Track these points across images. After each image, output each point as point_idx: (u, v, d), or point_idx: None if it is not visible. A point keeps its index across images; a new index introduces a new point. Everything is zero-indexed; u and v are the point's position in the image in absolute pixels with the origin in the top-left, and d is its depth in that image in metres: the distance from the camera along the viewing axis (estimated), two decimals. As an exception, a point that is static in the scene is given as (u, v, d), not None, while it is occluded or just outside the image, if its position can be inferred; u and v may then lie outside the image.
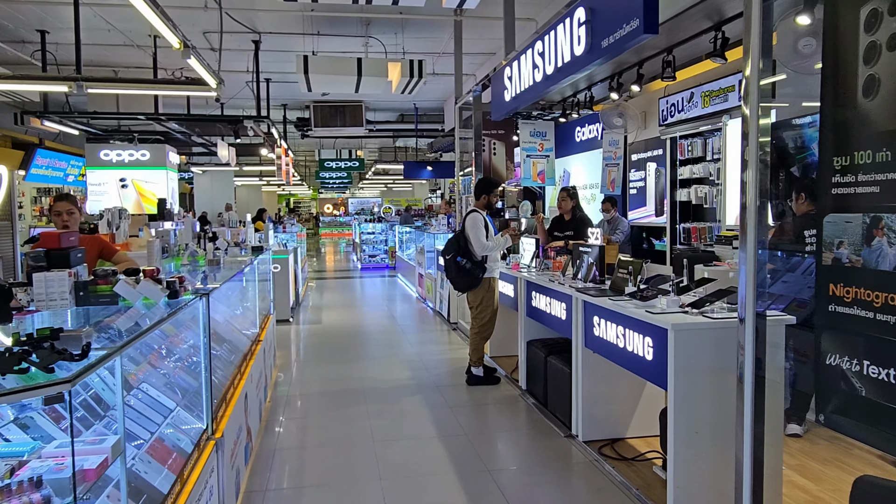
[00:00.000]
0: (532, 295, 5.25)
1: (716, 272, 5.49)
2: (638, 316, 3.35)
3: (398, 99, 14.26)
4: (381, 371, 6.37)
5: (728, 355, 3.08)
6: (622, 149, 8.45)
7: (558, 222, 6.30)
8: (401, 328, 8.64)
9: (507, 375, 6.01)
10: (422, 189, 32.11)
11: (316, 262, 20.34)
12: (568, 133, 9.90)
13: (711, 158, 6.75)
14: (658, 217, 7.59)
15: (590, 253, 4.69)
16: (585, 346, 4.18)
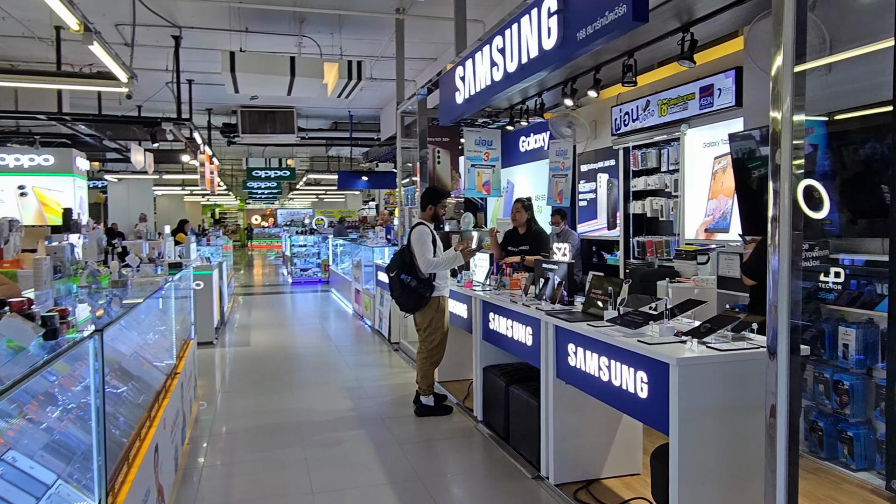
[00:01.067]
0: (489, 317, 4.75)
1: (681, 290, 5.16)
2: (629, 347, 2.89)
3: (332, 106, 13.60)
4: (317, 401, 5.71)
5: (738, 392, 2.66)
6: (571, 159, 8.13)
7: (512, 236, 5.84)
8: (337, 349, 7.97)
9: (459, 403, 5.47)
10: (355, 200, 31.35)
11: (244, 276, 19.24)
12: (512, 143, 9.54)
13: (667, 169, 6.49)
14: (610, 230, 7.28)
15: (556, 270, 4.24)
16: (557, 377, 3.71)
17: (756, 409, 2.68)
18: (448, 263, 5.16)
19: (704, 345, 2.75)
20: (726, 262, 4.78)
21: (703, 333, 2.78)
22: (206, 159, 11.64)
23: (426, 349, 5.25)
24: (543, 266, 4.41)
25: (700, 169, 5.85)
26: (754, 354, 2.66)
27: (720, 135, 5.61)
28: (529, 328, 4.06)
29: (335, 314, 11.13)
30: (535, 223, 5.66)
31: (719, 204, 5.61)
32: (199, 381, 6.17)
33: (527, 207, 5.68)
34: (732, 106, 5.25)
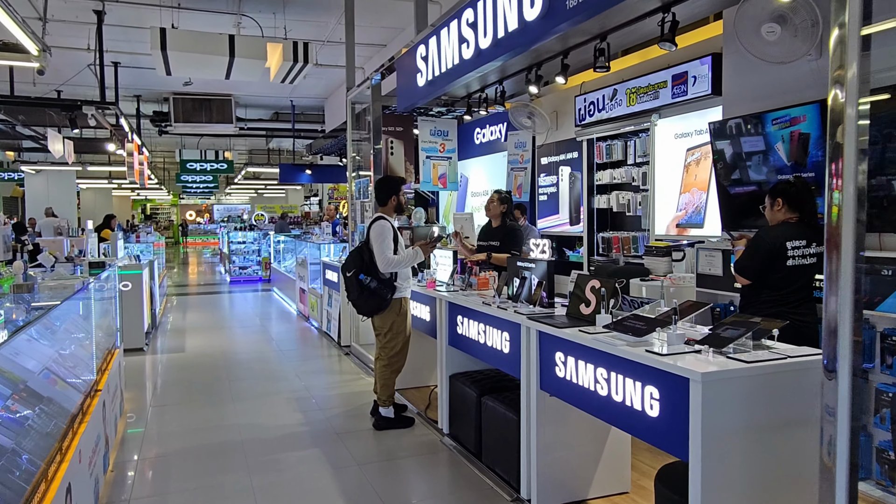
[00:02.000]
0: (457, 320, 4.32)
1: (656, 289, 4.87)
2: (637, 358, 2.51)
3: (273, 94, 12.88)
4: (263, 414, 5.14)
5: (766, 409, 2.33)
6: (530, 151, 7.80)
7: (486, 230, 5.43)
8: (283, 354, 7.38)
9: (420, 414, 5.02)
10: (297, 195, 30.37)
11: (178, 275, 18.17)
12: (466, 135, 9.14)
13: (634, 162, 6.22)
14: (573, 226, 6.98)
15: (533, 269, 3.84)
16: (541, 389, 3.31)
17: (786, 427, 2.36)
18: (408, 261, 4.71)
19: (723, 355, 2.40)
20: (707, 260, 4.50)
21: (722, 342, 2.43)
22: (135, 149, 10.75)
23: (386, 356, 4.78)
24: (518, 264, 4.00)
25: (671, 161, 5.59)
26: (785, 366, 2.32)
27: (694, 125, 5.35)
28: (506, 334, 3.65)
29: (278, 315, 10.47)
30: (510, 217, 5.25)
31: (692, 198, 5.36)
32: (126, 395, 5.49)
33: (503, 200, 5.26)
34: (708, 94, 5.00)
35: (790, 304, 3.55)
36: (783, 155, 3.99)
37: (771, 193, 3.68)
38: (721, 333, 2.48)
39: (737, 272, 3.63)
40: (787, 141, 3.95)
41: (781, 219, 3.63)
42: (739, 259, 3.64)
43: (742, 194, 4.37)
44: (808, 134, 3.82)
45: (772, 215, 3.68)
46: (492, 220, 5.38)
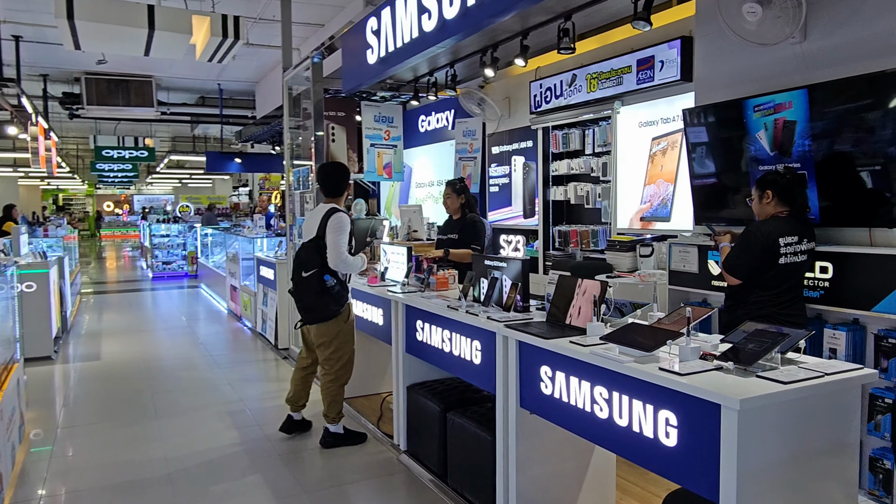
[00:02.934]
0: (416, 325, 3.87)
1: (626, 287, 4.56)
2: (650, 378, 2.14)
3: (198, 77, 11.97)
4: (192, 434, 4.54)
5: (806, 435, 2.01)
6: (480, 140, 7.39)
7: (446, 225, 5.01)
8: (213, 360, 6.71)
9: (373, 427, 4.55)
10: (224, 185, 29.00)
11: (94, 271, 16.84)
12: (410, 122, 8.64)
13: (593, 152, 5.92)
14: (527, 219, 6.63)
15: (505, 270, 3.43)
16: (521, 406, 2.91)
17: (822, 455, 2.04)
18: (359, 267, 4.24)
19: (752, 374, 2.05)
20: (681, 255, 4.22)
21: (750, 357, 2.08)
22: (40, 133, 9.68)
23: (333, 370, 4.26)
24: (487, 264, 3.59)
25: (635, 151, 5.31)
26: (824, 387, 2.00)
27: (660, 113, 5.08)
28: (477, 343, 3.23)
29: (207, 314, 9.71)
30: (470, 209, 4.83)
31: (658, 190, 5.09)
32: (28, 416, 4.76)
33: (458, 191, 4.84)
34: (677, 80, 4.71)
35: (781, 304, 3.30)
36: (766, 144, 3.73)
37: (759, 185, 3.41)
38: (747, 347, 2.14)
39: (727, 271, 3.35)
40: (770, 129, 3.69)
41: (771, 212, 3.36)
42: (729, 256, 3.35)
43: (718, 186, 4.11)
44: (794, 122, 3.56)
45: (760, 209, 3.41)
46: (452, 215, 4.97)
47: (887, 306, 3.11)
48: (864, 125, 3.27)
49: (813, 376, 2.00)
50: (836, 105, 3.37)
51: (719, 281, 3.98)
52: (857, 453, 2.11)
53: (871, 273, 3.18)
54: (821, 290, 3.42)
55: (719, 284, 3.97)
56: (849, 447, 2.09)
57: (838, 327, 3.37)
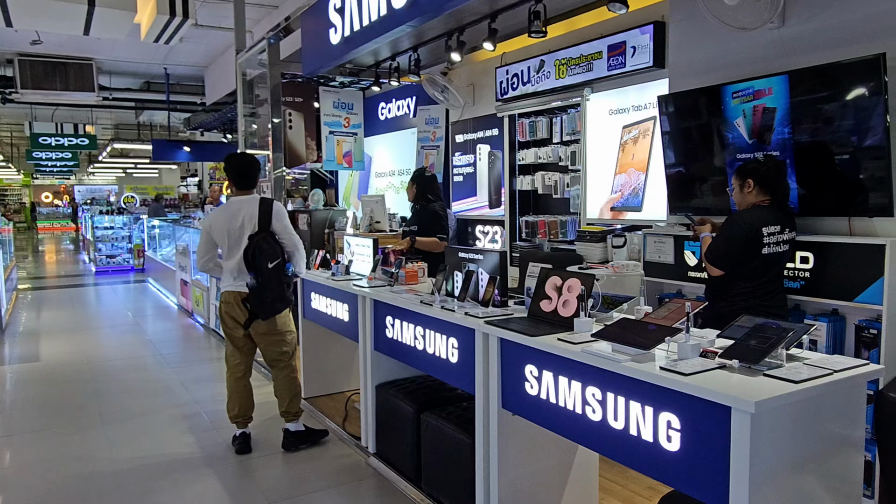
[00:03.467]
0: (386, 322, 3.67)
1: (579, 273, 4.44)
2: (651, 379, 1.99)
3: (143, 60, 11.39)
4: (142, 441, 4.23)
5: (814, 437, 1.90)
6: (443, 128, 7.20)
7: (411, 215, 4.82)
8: (164, 359, 6.35)
9: (337, 428, 4.33)
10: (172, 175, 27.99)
11: (32, 265, 15.96)
12: (370, 110, 8.38)
13: (561, 141, 5.79)
14: (493, 209, 6.48)
15: (481, 262, 3.26)
16: (503, 408, 2.75)
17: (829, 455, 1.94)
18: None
19: (758, 372, 1.93)
20: (656, 246, 4.13)
21: (757, 355, 1.96)
22: (-30, 118, 9.00)
23: (288, 359, 4.12)
24: (461, 256, 3.41)
25: (605, 139, 5.20)
26: (835, 384, 1.89)
27: (631, 100, 4.98)
28: (454, 340, 3.05)
29: (156, 310, 9.26)
30: (428, 198, 4.63)
31: (629, 179, 5.00)
32: (-42, 425, 4.37)
33: (413, 179, 4.64)
34: (649, 67, 4.62)
35: (763, 295, 3.22)
36: (744, 131, 3.65)
37: (740, 174, 3.32)
38: (750, 344, 2.02)
39: (709, 261, 3.25)
40: (749, 116, 3.61)
41: (753, 202, 3.27)
42: (712, 247, 3.25)
43: (694, 175, 4.02)
44: (773, 108, 3.49)
45: (741, 198, 3.32)
46: (413, 203, 4.78)
47: (870, 297, 3.06)
48: (845, 112, 3.21)
49: (822, 374, 1.89)
50: (817, 92, 3.31)
51: (696, 272, 3.90)
52: (862, 451, 2.02)
53: (853, 263, 3.13)
54: (801, 281, 3.36)
55: (696, 275, 3.90)
56: (855, 445, 2.00)
57: (819, 318, 3.32)
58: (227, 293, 3.96)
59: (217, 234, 3.94)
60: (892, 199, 3.10)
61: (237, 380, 4.05)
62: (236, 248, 3.86)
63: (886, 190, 3.10)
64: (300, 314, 4.91)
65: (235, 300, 3.90)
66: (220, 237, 3.92)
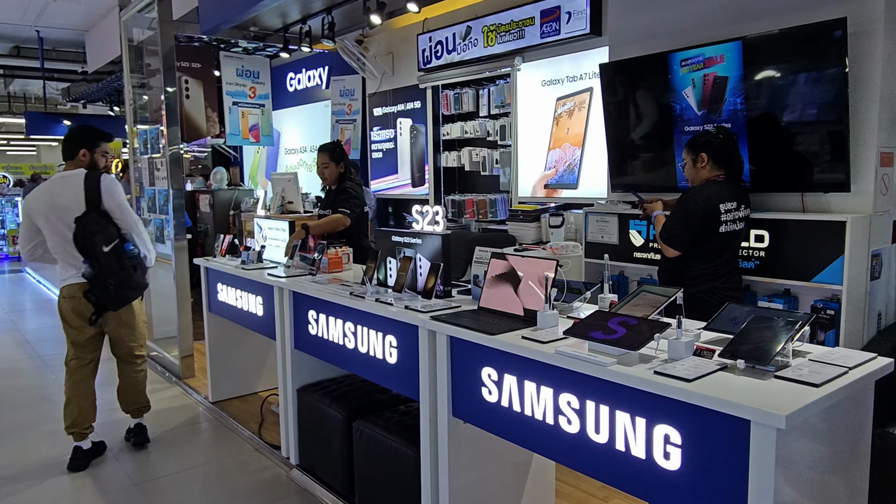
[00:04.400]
0: (309, 317, 3.20)
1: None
2: (648, 387, 1.68)
3: (11, 20, 10.00)
4: (19, 462, 3.56)
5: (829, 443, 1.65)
6: (360, 101, 6.69)
7: (326, 197, 4.30)
8: (44, 362, 5.54)
9: (253, 435, 3.83)
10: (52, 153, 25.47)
11: None
12: (277, 81, 7.70)
13: (489, 114, 5.45)
14: (416, 187, 6.08)
15: (420, 247, 2.86)
16: (454, 416, 2.38)
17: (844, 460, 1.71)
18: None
19: (769, 374, 1.66)
20: (599, 226, 3.88)
21: (764, 353, 1.68)
22: None
23: (144, 354, 3.76)
24: (395, 240, 2.99)
25: (537, 113, 4.90)
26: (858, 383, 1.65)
27: (566, 70, 4.69)
28: (392, 338, 2.64)
29: (35, 305, 8.23)
30: (352, 178, 4.13)
31: (564, 154, 4.73)
32: None
33: (336, 157, 4.11)
34: (586, 34, 4.33)
35: (722, 276, 3.02)
36: (693, 102, 3.43)
37: (692, 147, 3.09)
38: (751, 339, 1.74)
39: (666, 242, 3.00)
40: (698, 86, 3.39)
41: (706, 177, 3.05)
42: (668, 226, 3.01)
43: (639, 149, 3.79)
44: (725, 77, 3.28)
45: (694, 173, 3.09)
46: (330, 186, 4.23)
47: (829, 276, 2.92)
48: (803, 82, 3.03)
49: (839, 373, 1.64)
50: (773, 60, 3.11)
51: (643, 252, 3.69)
52: (868, 459, 1.80)
53: (811, 241, 2.98)
54: (755, 261, 3.19)
55: (643, 256, 3.68)
56: (863, 454, 1.78)
57: (774, 300, 3.17)
58: (68, 287, 3.38)
59: (38, 218, 3.33)
60: (849, 174, 2.96)
61: (80, 381, 3.49)
62: (65, 232, 3.27)
63: (844, 165, 2.96)
64: (205, 308, 4.34)
65: (79, 293, 3.35)
66: (41, 220, 3.32)
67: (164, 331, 5.55)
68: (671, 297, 2.19)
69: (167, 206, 4.96)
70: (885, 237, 3.14)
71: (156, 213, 5.21)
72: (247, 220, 6.68)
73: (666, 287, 2.25)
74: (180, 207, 4.95)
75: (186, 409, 4.38)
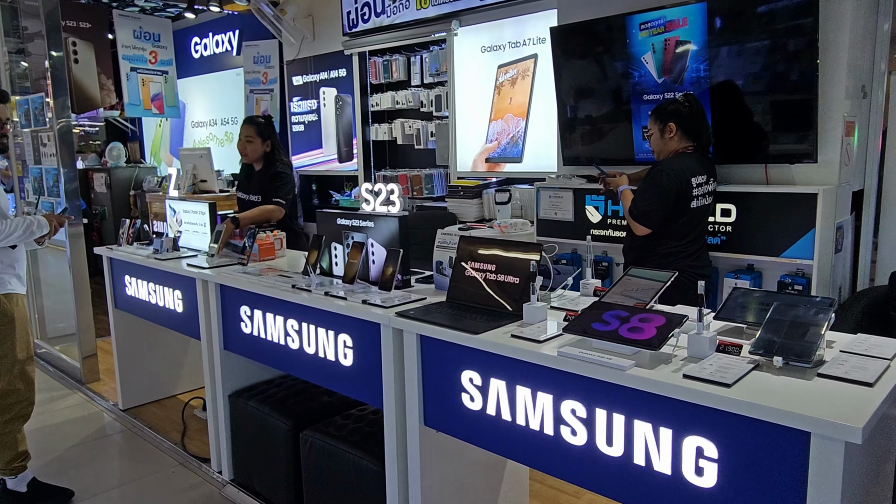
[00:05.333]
0: (241, 313, 2.78)
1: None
2: (678, 394, 1.44)
3: None
4: None
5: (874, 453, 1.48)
6: (276, 68, 6.13)
7: (246, 176, 3.78)
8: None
9: (176, 446, 3.38)
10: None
11: None
12: (181, 47, 6.96)
13: (422, 83, 5.09)
14: (343, 163, 5.65)
15: (373, 230, 2.51)
16: (426, 426, 2.08)
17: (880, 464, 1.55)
18: (22, 235, 2.72)
19: (811, 372, 1.46)
20: (552, 202, 3.65)
21: (806, 348, 1.48)
22: None
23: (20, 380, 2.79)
24: (341, 223, 2.62)
25: (477, 81, 4.59)
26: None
27: (508, 35, 4.39)
28: (346, 337, 2.30)
29: None
30: (277, 159, 3.63)
31: (507, 126, 4.45)
32: None
33: (263, 133, 3.60)
34: (530, -4, 4.06)
35: (692, 254, 2.86)
36: (653, 69, 3.24)
37: (659, 116, 2.88)
38: (788, 332, 1.53)
39: (637, 219, 2.80)
40: (659, 51, 3.19)
41: (675, 148, 2.86)
42: (639, 203, 2.80)
43: (592, 120, 3.57)
44: (688, 42, 3.09)
45: (661, 145, 2.89)
46: (253, 165, 3.71)
47: (799, 251, 2.82)
48: (771, 48, 2.89)
49: (884, 367, 1.46)
50: (739, 23, 2.95)
51: (601, 229, 3.49)
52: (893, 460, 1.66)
53: (781, 214, 2.86)
54: (722, 236, 3.06)
55: (601, 233, 3.49)
56: (892, 446, 1.63)
57: (741, 276, 3.05)
58: None
59: None
60: (817, 144, 2.86)
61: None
62: None
63: (812, 135, 2.85)
64: (110, 304, 3.79)
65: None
66: None
67: (59, 328, 4.90)
68: (666, 283, 1.97)
69: (57, 187, 4.30)
70: (846, 209, 3.09)
71: (44, 196, 4.52)
72: (152, 202, 6.02)
73: (651, 270, 2.02)
74: (74, 189, 4.31)
75: (92, 419, 3.84)
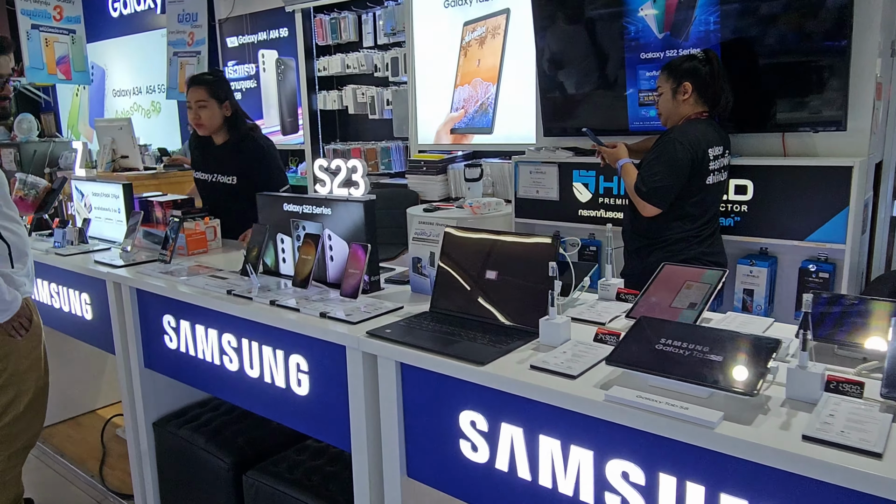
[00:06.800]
0: (164, 323, 2.21)
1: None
2: (799, 468, 0.98)
3: None
4: None
5: None
6: (205, 28, 5.41)
7: (204, 152, 3.01)
8: None
9: (91, 479, 2.81)
10: None
11: None
12: (96, 5, 6.13)
13: (376, 44, 4.50)
14: (288, 135, 5.03)
15: (329, 219, 1.97)
16: (409, 476, 1.59)
17: None
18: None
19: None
20: (533, 178, 3.18)
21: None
22: None
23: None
24: (288, 209, 2.07)
25: (439, 41, 4.05)
26: None
27: (475, -12, 3.86)
28: (300, 360, 1.78)
29: None
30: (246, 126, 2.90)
31: (475, 92, 3.94)
32: None
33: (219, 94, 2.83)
34: None
35: (706, 239, 2.45)
36: (653, 23, 2.78)
37: (673, 73, 2.42)
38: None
39: (644, 198, 2.35)
40: (660, 1, 2.73)
41: (687, 114, 2.42)
42: (647, 178, 2.35)
43: (580, 84, 3.10)
44: None
45: (672, 108, 2.44)
46: (212, 137, 2.97)
47: (828, 233, 2.44)
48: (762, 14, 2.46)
49: None
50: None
51: (590, 209, 3.05)
52: None
53: (808, 192, 2.47)
54: (735, 217, 2.65)
55: (590, 214, 3.05)
56: None
57: (756, 262, 2.66)
58: None
59: None
60: (847, 110, 2.47)
61: None
62: None
63: (842, 98, 2.45)
64: (7, 308, 3.13)
65: None
66: None
67: None
68: (718, 283, 1.54)
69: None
70: (870, 184, 2.74)
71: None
72: (67, 186, 5.27)
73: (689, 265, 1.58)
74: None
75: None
